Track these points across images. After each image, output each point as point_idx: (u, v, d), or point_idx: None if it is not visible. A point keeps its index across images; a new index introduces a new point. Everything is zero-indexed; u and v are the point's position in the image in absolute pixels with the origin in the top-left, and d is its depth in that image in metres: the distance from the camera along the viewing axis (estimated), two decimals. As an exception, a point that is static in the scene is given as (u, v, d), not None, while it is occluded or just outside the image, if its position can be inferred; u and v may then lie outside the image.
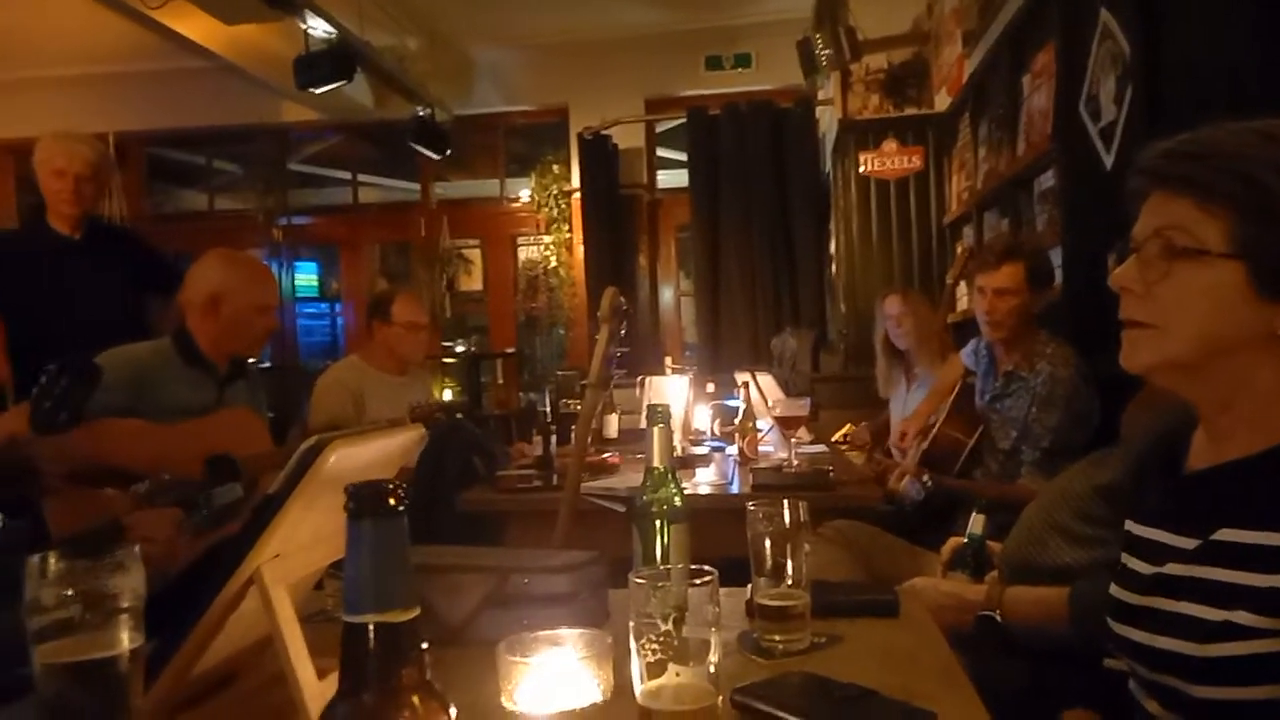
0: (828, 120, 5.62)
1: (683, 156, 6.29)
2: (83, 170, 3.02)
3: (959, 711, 0.92)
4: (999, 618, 1.44)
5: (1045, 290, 2.50)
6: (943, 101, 4.70)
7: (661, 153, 6.68)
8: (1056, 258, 2.76)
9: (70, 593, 0.75)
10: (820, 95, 5.60)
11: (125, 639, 0.77)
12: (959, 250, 4.07)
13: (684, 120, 6.10)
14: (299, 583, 0.94)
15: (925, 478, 2.50)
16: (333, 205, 7.32)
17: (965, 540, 1.69)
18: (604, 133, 6.10)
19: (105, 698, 0.76)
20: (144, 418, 2.13)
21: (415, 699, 0.55)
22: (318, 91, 4.86)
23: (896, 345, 3.43)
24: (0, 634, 0.78)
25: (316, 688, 0.85)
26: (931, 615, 1.28)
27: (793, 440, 2.73)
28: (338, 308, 7.29)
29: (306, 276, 7.24)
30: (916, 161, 4.82)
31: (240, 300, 2.35)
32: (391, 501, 0.55)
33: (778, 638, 1.12)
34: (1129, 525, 1.08)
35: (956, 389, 2.75)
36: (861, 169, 4.86)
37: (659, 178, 6.64)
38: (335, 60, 4.75)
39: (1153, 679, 0.99)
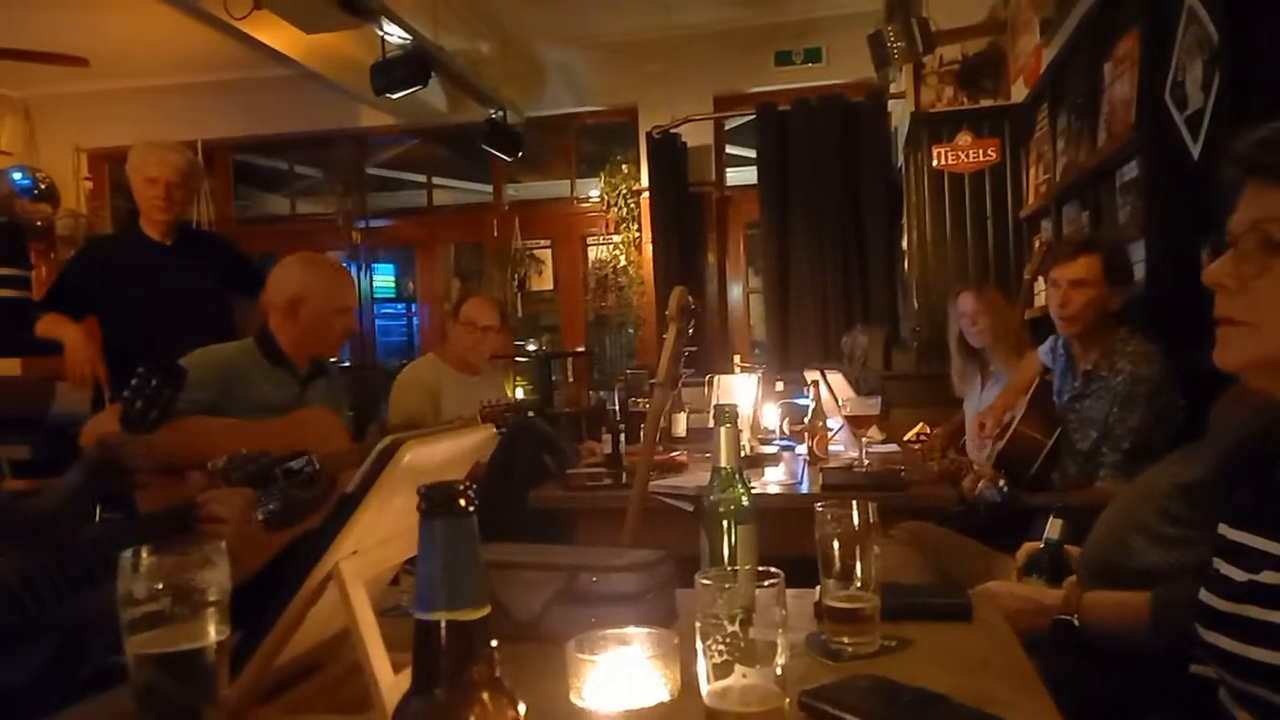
0: (900, 113, 5.52)
1: (752, 153, 6.25)
2: (173, 178, 3.15)
3: (1033, 718, 0.90)
4: (1077, 622, 1.40)
5: (1122, 286, 2.42)
6: (1019, 92, 4.58)
7: (730, 150, 6.65)
8: (1139, 252, 2.66)
9: (160, 586, 0.79)
10: (892, 88, 5.51)
11: (212, 631, 0.80)
12: (1036, 244, 3.96)
13: (753, 117, 6.06)
14: (375, 578, 0.97)
15: (1001, 482, 2.45)
16: (409, 208, 7.49)
17: (1041, 545, 1.65)
18: (673, 131, 6.10)
19: (194, 687, 0.79)
20: (229, 415, 2.21)
21: (485, 696, 0.57)
22: (394, 96, 4.97)
23: (971, 343, 3.35)
24: (108, 622, 0.82)
25: (392, 680, 0.88)
26: (1006, 619, 1.25)
27: (863, 439, 2.69)
28: (414, 308, 7.44)
29: (384, 278, 7.40)
30: (992, 154, 4.71)
31: (319, 304, 2.41)
32: (461, 502, 0.57)
33: (846, 640, 1.11)
34: (1222, 528, 1.04)
35: (1034, 387, 2.68)
36: (935, 163, 4.76)
37: (728, 175, 6.62)
38: (410, 65, 4.86)
39: (1244, 689, 0.95)
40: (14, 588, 1.09)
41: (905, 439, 3.64)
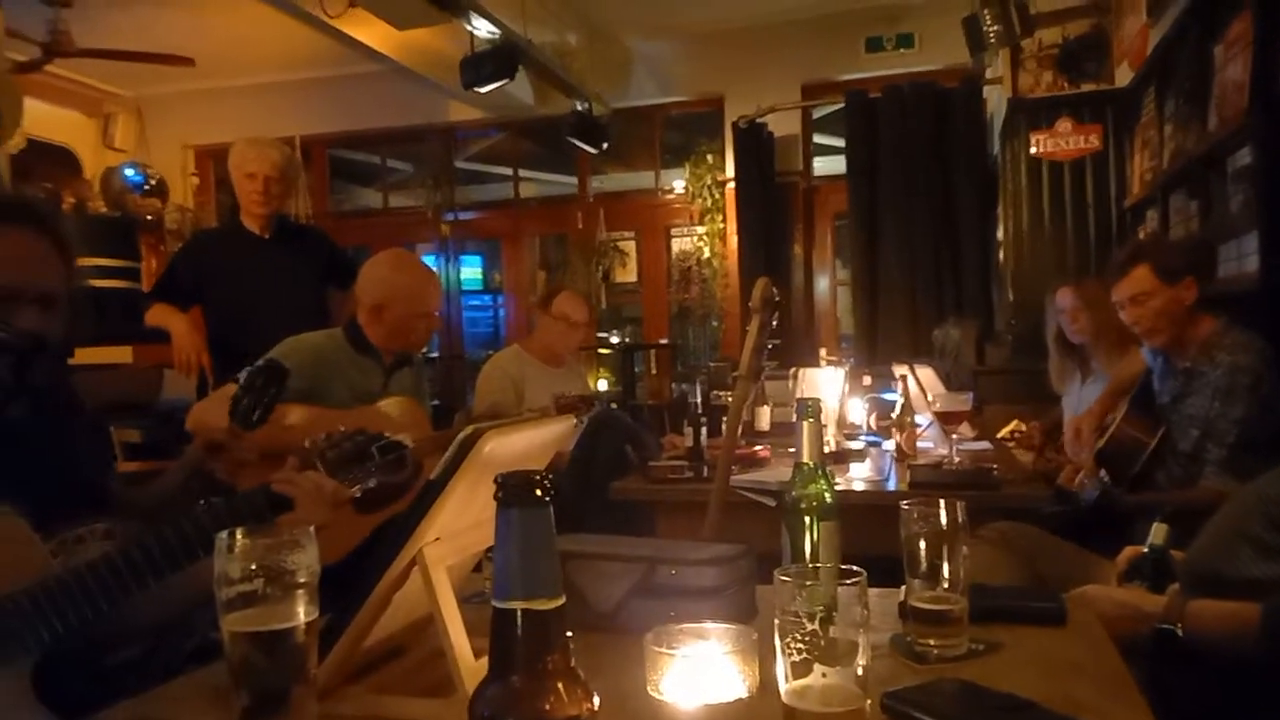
0: (996, 100, 5.35)
1: (840, 142, 6.14)
2: (271, 172, 3.26)
3: (1129, 729, 0.87)
4: (1179, 632, 1.34)
5: (1192, 278, 2.31)
6: (1124, 76, 4.38)
7: (818, 139, 6.55)
8: (1251, 243, 2.52)
9: (253, 568, 0.82)
10: (988, 74, 5.34)
11: (302, 612, 0.83)
12: (1142, 235, 3.79)
13: (842, 105, 5.95)
14: (458, 565, 0.99)
15: (1102, 473, 2.35)
16: (495, 200, 7.60)
17: (1145, 550, 1.58)
18: (759, 120, 6.04)
19: (284, 665, 0.82)
20: (319, 401, 2.29)
21: (560, 684, 0.57)
22: (482, 90, 5.04)
23: (1071, 340, 3.23)
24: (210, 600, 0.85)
25: (473, 664, 0.89)
26: (1103, 626, 1.20)
27: (954, 436, 2.62)
28: (500, 299, 7.56)
29: (471, 270, 7.53)
30: (1094, 141, 4.52)
31: (402, 309, 2.49)
32: (538, 492, 0.57)
33: (932, 642, 1.08)
34: None
35: (1137, 385, 2.57)
36: (1033, 150, 4.60)
37: (815, 165, 6.51)
38: (498, 59, 4.92)
39: None
40: (119, 566, 1.15)
41: (999, 436, 3.53)
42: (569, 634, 0.59)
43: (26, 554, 1.12)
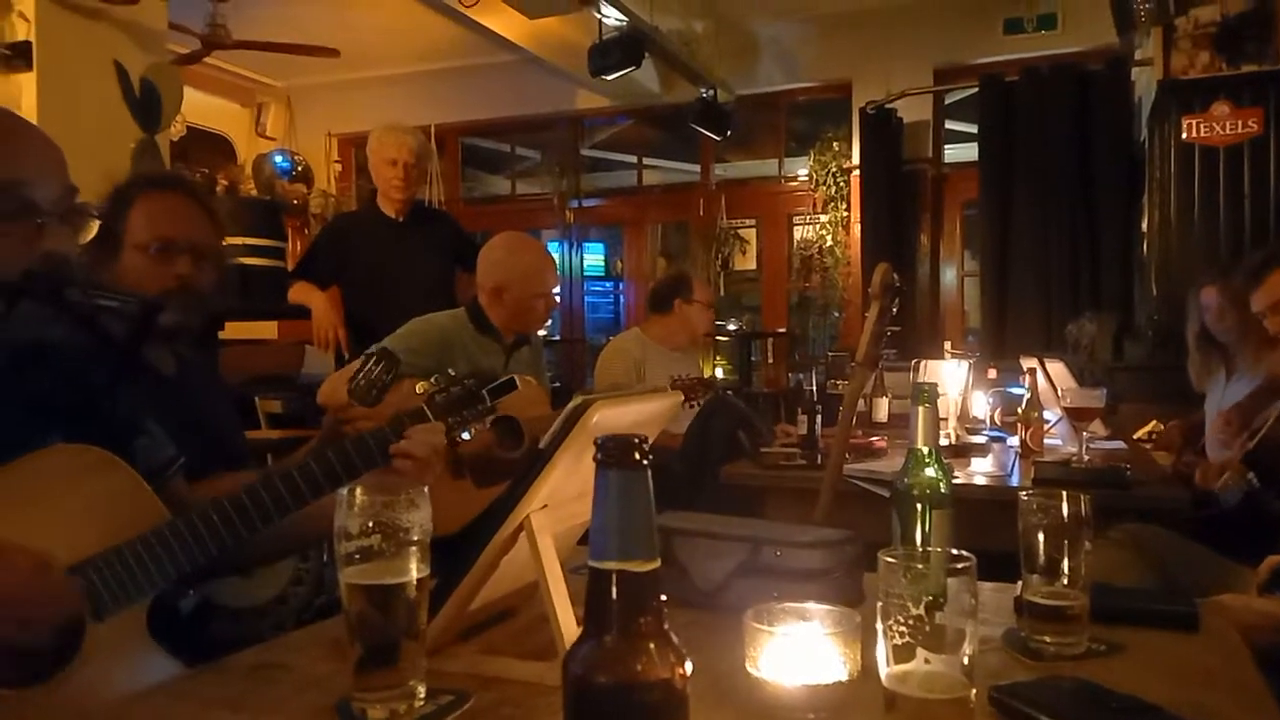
0: (1145, 82, 5.03)
1: (973, 128, 5.92)
2: (410, 159, 3.42)
3: (1262, 741, 0.81)
4: (1328, 647, 1.24)
5: None
6: (1291, 55, 4.06)
7: (950, 125, 6.32)
8: None
9: (371, 524, 0.86)
10: (1137, 55, 5.03)
11: (414, 568, 0.87)
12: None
13: (976, 89, 5.73)
14: (565, 533, 1.01)
15: (1250, 475, 2.20)
16: (619, 188, 7.67)
17: (1291, 558, 1.48)
18: (888, 106, 5.88)
19: (398, 618, 0.86)
20: (442, 378, 2.38)
21: (652, 646, 0.58)
22: (609, 78, 5.10)
23: (1215, 338, 3.02)
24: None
25: (574, 630, 0.91)
26: (1240, 636, 1.13)
27: (1085, 434, 2.50)
28: (620, 286, 7.63)
29: (594, 256, 7.63)
30: (1254, 125, 4.20)
31: (520, 291, 2.56)
32: (636, 455, 0.58)
33: (1048, 639, 1.03)
34: None
35: (1290, 387, 2.39)
36: (1185, 135, 4.32)
37: (946, 152, 6.29)
38: (626, 47, 4.97)
39: None
40: (229, 512, 1.23)
41: (1135, 436, 3.34)
42: (664, 598, 0.60)
43: (139, 504, 1.20)
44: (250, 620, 1.49)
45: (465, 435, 1.47)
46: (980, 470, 2.52)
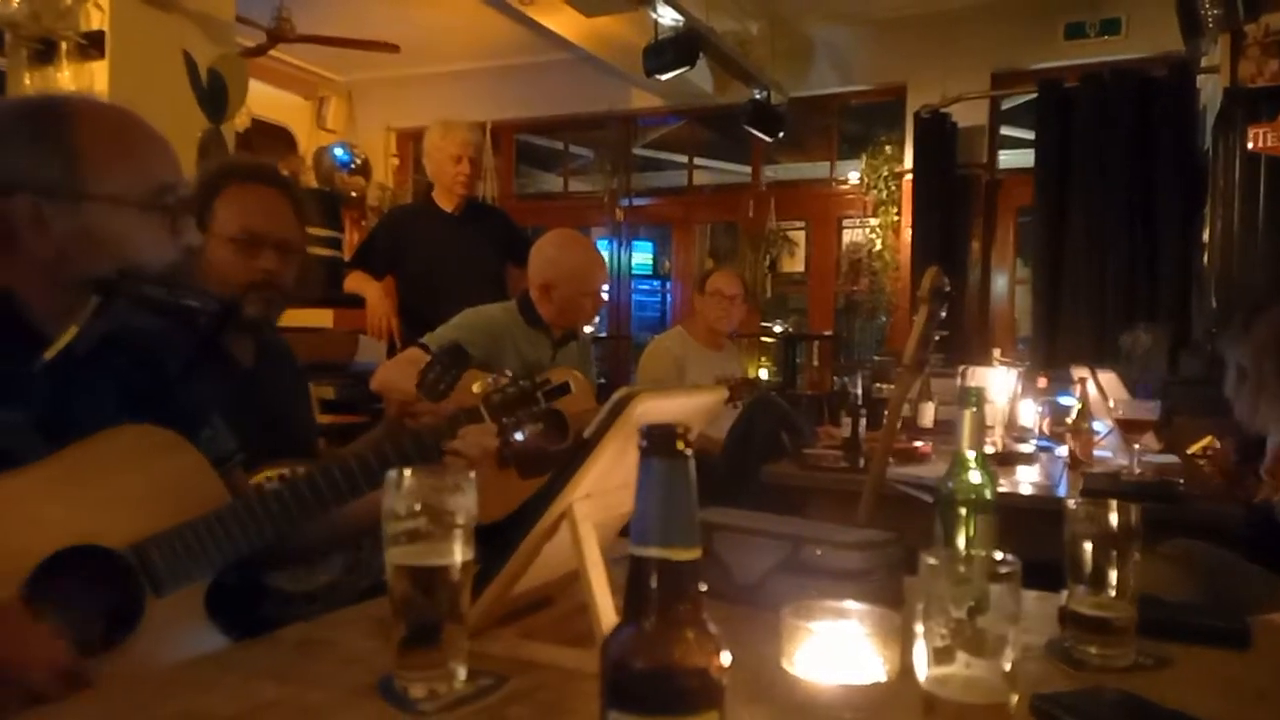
0: (1210, 89, 4.91)
1: (1029, 134, 5.82)
2: (475, 155, 3.53)
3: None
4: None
5: None
6: (1368, 63, 3.93)
7: (1005, 131, 6.23)
8: None
9: (417, 506, 0.88)
10: (1203, 61, 4.91)
11: (458, 551, 0.88)
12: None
13: (1034, 95, 5.63)
14: (607, 523, 1.02)
15: None
16: (669, 187, 7.67)
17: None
18: (943, 110, 5.81)
19: (440, 600, 0.87)
20: (492, 370, 2.41)
21: (690, 633, 0.58)
22: (663, 78, 5.11)
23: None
24: None
25: (613, 619, 0.91)
26: (1292, 655, 1.10)
27: (1136, 447, 2.45)
28: (668, 285, 7.64)
29: (642, 255, 7.65)
30: (1324, 136, 4.08)
31: (568, 289, 2.60)
32: (679, 444, 0.58)
33: (1093, 650, 1.02)
34: None
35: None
36: (1251, 145, 4.20)
37: (1000, 157, 6.20)
38: (680, 47, 4.97)
39: None
40: (287, 498, 1.26)
41: (1189, 452, 3.26)
42: (703, 588, 0.60)
43: (203, 486, 1.23)
44: (301, 604, 1.52)
45: (519, 436, 1.49)
46: (1027, 479, 2.48)
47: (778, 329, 6.52)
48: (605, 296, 2.89)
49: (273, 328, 1.74)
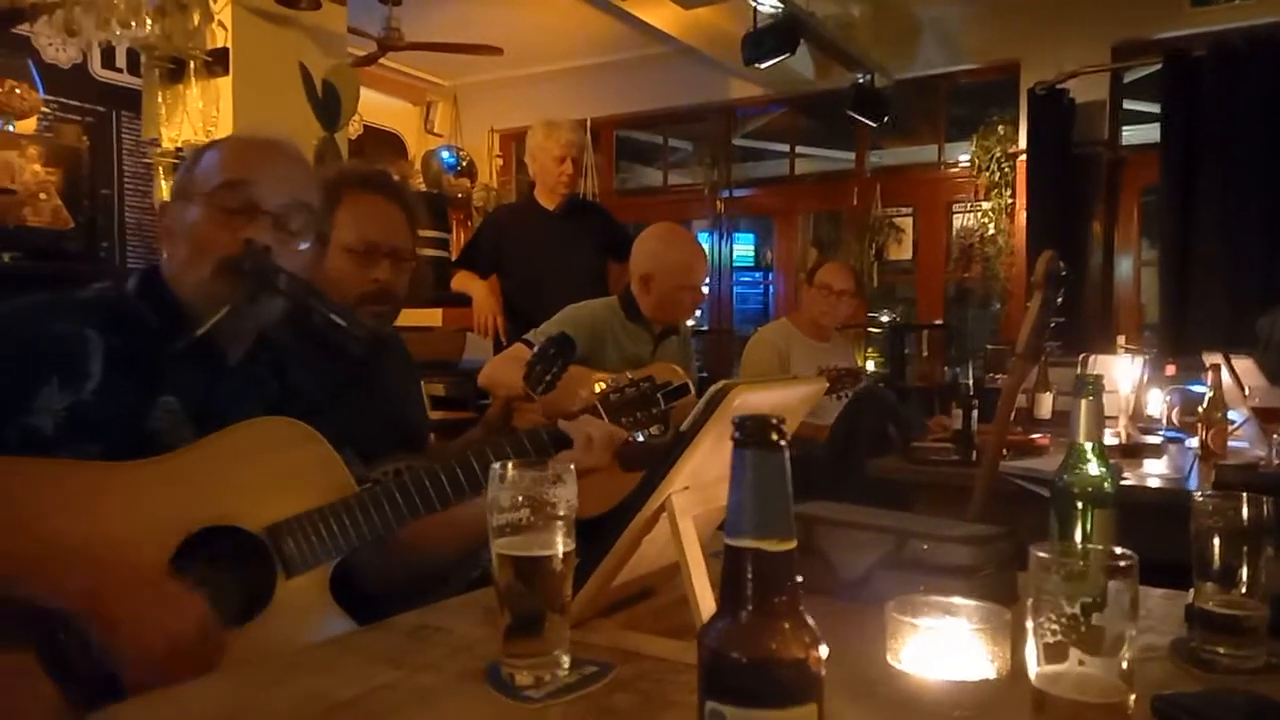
0: (1360, 53, 4.56)
1: (1154, 108, 5.51)
2: (578, 155, 3.60)
3: None
4: None
5: None
6: None
7: (1128, 105, 5.91)
8: None
9: (520, 498, 0.90)
10: (1353, 23, 4.57)
11: (560, 542, 0.90)
12: None
13: (1159, 67, 5.33)
14: (706, 515, 1.02)
15: None
16: (770, 177, 7.59)
17: None
18: (1060, 86, 5.55)
19: (543, 590, 0.90)
20: (594, 365, 2.44)
21: (786, 625, 0.58)
22: (762, 66, 5.05)
23: None
24: None
25: (713, 610, 0.92)
26: None
27: (1275, 437, 2.30)
28: (770, 276, 7.57)
29: (744, 247, 7.59)
30: None
31: (667, 282, 2.61)
32: (773, 435, 0.58)
33: (1221, 650, 0.97)
34: None
35: None
36: (1404, 111, 3.88)
37: (1123, 134, 5.89)
38: (780, 34, 4.91)
39: None
40: (410, 490, 1.32)
41: (1335, 442, 3.04)
42: (799, 580, 0.60)
43: (332, 475, 1.31)
44: (413, 592, 1.58)
45: (640, 437, 1.50)
46: (1154, 472, 2.36)
47: (885, 319, 6.37)
48: (706, 291, 2.88)
49: (385, 336, 1.80)
